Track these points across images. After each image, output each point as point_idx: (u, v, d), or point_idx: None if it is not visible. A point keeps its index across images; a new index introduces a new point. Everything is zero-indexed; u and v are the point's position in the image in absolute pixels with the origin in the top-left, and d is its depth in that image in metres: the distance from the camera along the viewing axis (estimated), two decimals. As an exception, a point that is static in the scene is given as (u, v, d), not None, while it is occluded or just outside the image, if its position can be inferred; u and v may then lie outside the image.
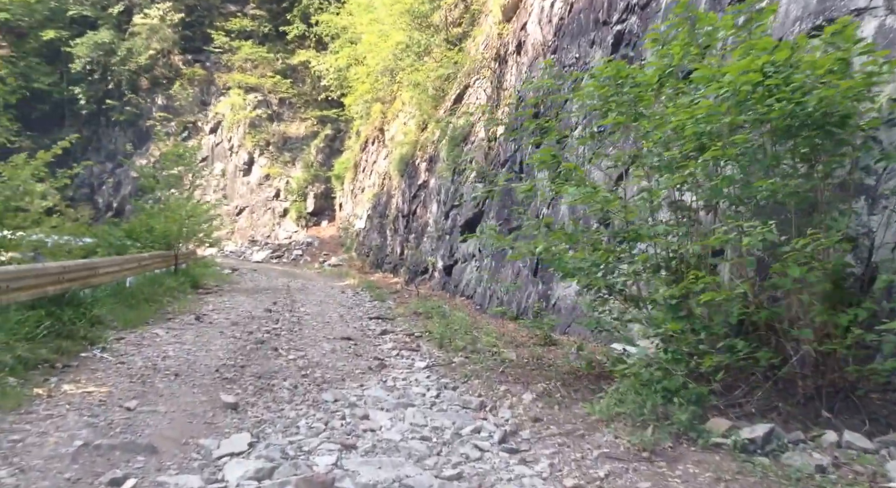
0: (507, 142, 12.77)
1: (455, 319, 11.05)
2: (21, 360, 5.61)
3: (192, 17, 39.23)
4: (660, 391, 4.59)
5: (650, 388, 4.64)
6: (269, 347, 7.89)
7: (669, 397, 4.55)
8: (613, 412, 4.74)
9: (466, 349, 8.33)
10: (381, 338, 9.64)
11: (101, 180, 43.09)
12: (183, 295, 13.61)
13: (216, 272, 20.46)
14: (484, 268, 13.41)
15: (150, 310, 10.37)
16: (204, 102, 39.84)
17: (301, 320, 10.86)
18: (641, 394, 4.65)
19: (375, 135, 29.63)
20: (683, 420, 4.21)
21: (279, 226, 37.22)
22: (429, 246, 19.33)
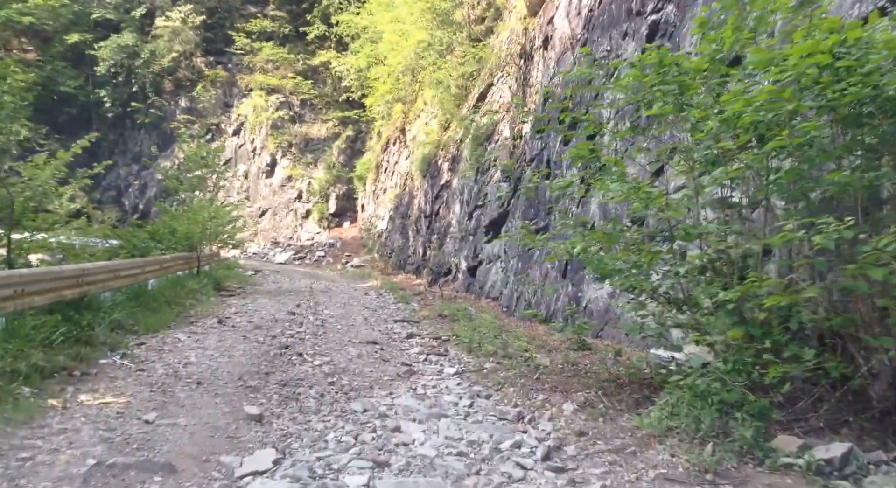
0: (534, 140, 12.37)
1: (483, 322, 10.68)
2: (37, 368, 5.36)
3: (213, 19, 39.35)
4: (716, 404, 4.19)
5: (706, 401, 4.23)
6: (293, 352, 7.59)
7: (727, 411, 4.15)
8: (665, 426, 4.34)
9: (497, 354, 7.96)
10: (407, 342, 9.31)
11: (127, 183, 43.44)
12: (205, 297, 13.42)
13: (239, 274, 20.31)
14: (510, 269, 13.02)
15: (171, 313, 10.15)
16: (227, 104, 39.95)
17: (325, 323, 10.58)
18: (696, 407, 4.25)
19: (397, 136, 29.37)
20: (748, 437, 3.80)
21: (301, 227, 37.16)
22: (452, 246, 18.99)
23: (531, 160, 12.45)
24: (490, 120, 17.18)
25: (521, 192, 10.52)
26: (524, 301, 11.91)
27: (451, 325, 11.13)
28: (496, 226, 14.61)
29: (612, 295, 9.11)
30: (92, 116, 43.89)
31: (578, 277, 9.93)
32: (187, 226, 15.89)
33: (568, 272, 10.40)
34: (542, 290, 11.23)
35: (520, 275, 12.31)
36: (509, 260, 13.19)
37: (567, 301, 10.10)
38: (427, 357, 8.18)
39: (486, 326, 10.15)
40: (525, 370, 6.99)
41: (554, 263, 11.08)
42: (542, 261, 11.48)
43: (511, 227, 13.29)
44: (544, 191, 11.91)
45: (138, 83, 40.91)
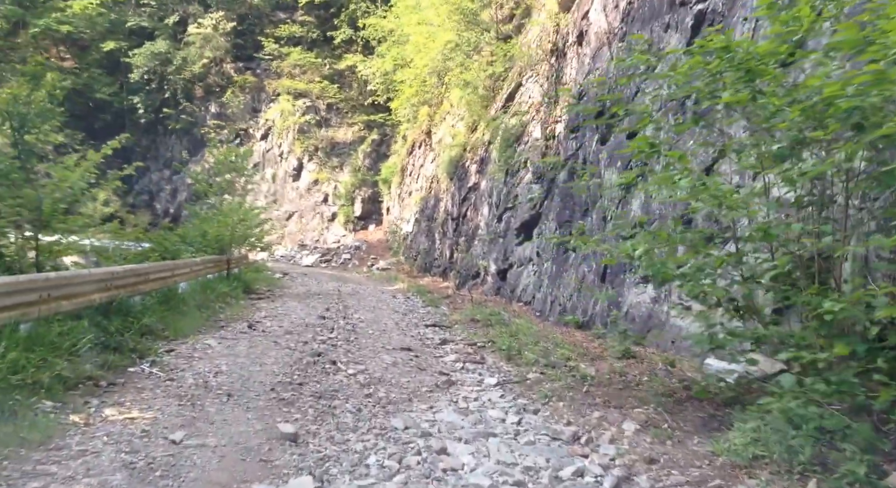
0: (568, 140, 11.80)
1: (518, 328, 10.14)
2: (60, 379, 4.95)
3: (244, 25, 39.35)
4: (811, 431, 3.60)
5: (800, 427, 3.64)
6: (326, 360, 7.12)
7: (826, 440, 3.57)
8: (751, 454, 3.76)
9: (539, 363, 7.41)
10: (441, 349, 8.81)
11: (158, 187, 43.65)
12: (235, 300, 13.05)
13: (267, 276, 19.99)
14: (544, 272, 12.45)
15: (201, 317, 9.77)
16: (255, 109, 39.91)
17: (356, 328, 10.11)
18: (788, 434, 3.67)
19: (422, 139, 28.94)
20: (860, 473, 3.21)
21: (328, 230, 36.92)
22: (480, 249, 18.45)
23: (566, 160, 11.88)
24: (519, 121, 16.64)
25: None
26: (559, 305, 11.33)
27: (486, 331, 10.60)
28: (528, 228, 14.06)
29: (656, 300, 8.51)
30: (126, 122, 44.17)
31: (619, 281, 9.33)
32: (217, 229, 15.59)
33: (607, 275, 9.81)
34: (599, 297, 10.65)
35: (555, 279, 11.74)
36: (543, 263, 12.62)
37: (606, 306, 9.51)
38: (464, 365, 7.66)
39: (523, 332, 9.61)
40: (571, 381, 6.44)
41: (591, 266, 10.50)
42: (578, 263, 10.91)
43: (545, 229, 12.72)
44: (578, 194, 11.34)
45: (170, 89, 41.07)
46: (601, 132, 10.38)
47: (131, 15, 41.93)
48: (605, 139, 10.23)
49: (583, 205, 11.09)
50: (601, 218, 10.14)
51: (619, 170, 9.52)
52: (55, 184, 8.79)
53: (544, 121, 13.77)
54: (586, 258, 10.72)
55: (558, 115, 12.55)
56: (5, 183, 7.97)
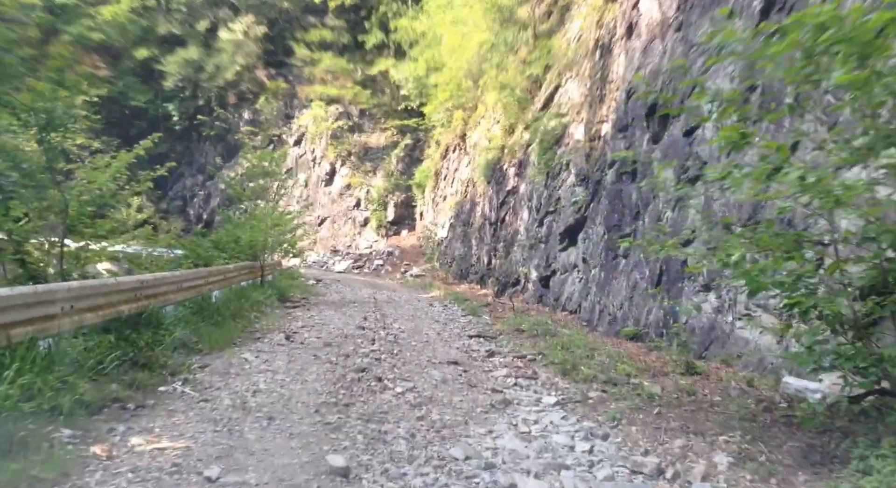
0: (615, 140, 11.18)
1: (568, 339, 9.54)
2: (82, 403, 4.54)
3: (274, 30, 39.50)
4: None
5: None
6: (371, 376, 6.63)
7: None
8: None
9: (597, 379, 6.82)
10: (489, 362, 8.26)
11: (192, 193, 44.06)
12: (270, 309, 12.72)
13: (301, 283, 19.71)
14: (591, 279, 11.82)
15: (236, 328, 9.40)
16: (287, 115, 40.01)
17: (398, 339, 9.63)
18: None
19: (456, 143, 28.50)
20: None
21: (360, 235, 36.69)
22: (520, 255, 17.87)
23: (613, 162, 11.25)
24: (559, 122, 16.05)
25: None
26: (608, 315, 10.69)
27: (533, 342, 10.02)
28: (572, 233, 13.45)
29: (719, 310, 7.84)
30: (161, 129, 44.76)
31: (676, 289, 8.67)
32: (251, 234, 15.31)
33: (662, 282, 9.15)
34: (632, 303, 10.00)
35: (603, 287, 11.10)
36: (590, 269, 11.99)
37: (662, 315, 8.85)
38: (516, 381, 7.11)
39: (573, 344, 9.01)
40: (638, 401, 5.83)
41: (643, 273, 9.85)
42: (629, 270, 10.27)
43: (591, 234, 12.10)
44: (629, 195, 10.71)
45: (204, 97, 41.47)
46: (653, 130, 9.75)
47: (162, 21, 42.46)
48: (657, 137, 9.60)
49: (633, 208, 10.46)
50: (655, 221, 9.50)
51: (675, 170, 8.87)
52: (83, 186, 8.49)
53: (588, 121, 13.16)
54: (638, 264, 10.08)
55: (604, 115, 11.93)
56: (30, 184, 7.67)
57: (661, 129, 9.54)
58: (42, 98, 6.87)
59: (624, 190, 10.81)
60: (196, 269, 10.16)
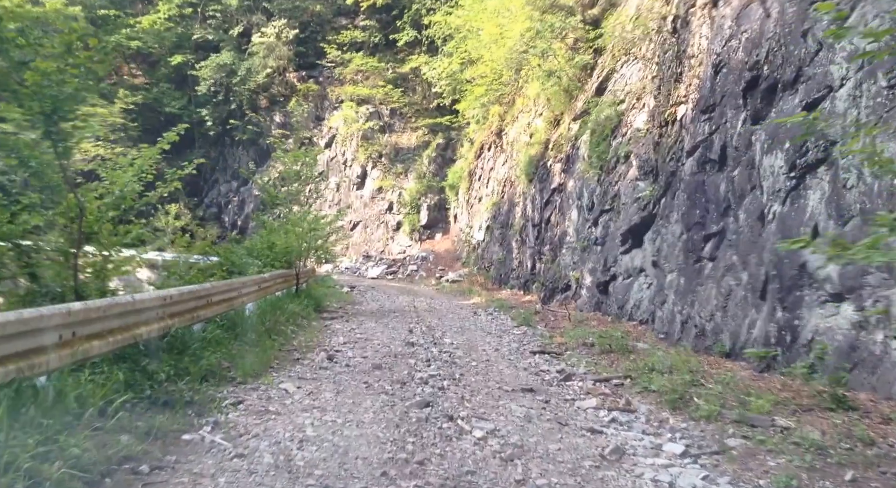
0: (698, 123, 9.70)
1: (654, 358, 8.12)
2: (80, 466, 3.32)
3: (306, 33, 38.61)
4: None
5: None
6: (440, 413, 5.31)
7: None
8: None
9: (723, 416, 5.39)
10: (568, 389, 6.90)
11: (227, 199, 43.46)
12: (307, 321, 11.53)
13: (336, 291, 18.58)
14: (667, 286, 10.34)
15: (273, 347, 8.18)
16: (318, 118, 39.07)
17: (454, 358, 8.31)
18: None
19: (492, 141, 27.10)
20: None
21: (392, 240, 35.51)
22: (570, 258, 16.42)
23: (693, 149, 9.77)
24: (615, 111, 14.58)
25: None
26: (694, 327, 9.21)
27: (609, 360, 8.63)
28: (636, 233, 11.98)
29: (861, 325, 6.34)
30: (195, 135, 44.34)
31: (793, 299, 7.17)
32: (286, 240, 14.18)
33: (769, 290, 7.66)
34: (726, 314, 8.51)
35: (685, 294, 9.62)
36: (664, 274, 10.51)
37: (776, 330, 7.36)
38: (612, 415, 5.74)
39: (664, 365, 7.58)
40: (807, 456, 4.36)
41: (740, 279, 8.37)
42: (720, 275, 8.78)
43: (666, 233, 10.62)
44: (715, 188, 9.23)
45: (236, 101, 40.81)
46: (753, 107, 8.25)
47: (197, 28, 41.95)
48: (759, 116, 8.10)
49: (721, 202, 8.97)
50: (756, 218, 8.00)
51: (787, 153, 7.39)
52: (103, 188, 7.36)
53: (656, 105, 11.68)
54: (731, 268, 8.60)
55: (681, 96, 10.46)
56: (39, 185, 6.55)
57: (764, 106, 8.06)
58: (47, 79, 5.72)
59: (708, 181, 9.33)
60: (228, 280, 8.99)
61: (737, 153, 8.62)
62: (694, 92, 10.05)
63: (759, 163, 7.94)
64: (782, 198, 7.49)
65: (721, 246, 8.98)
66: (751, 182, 8.24)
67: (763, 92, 8.16)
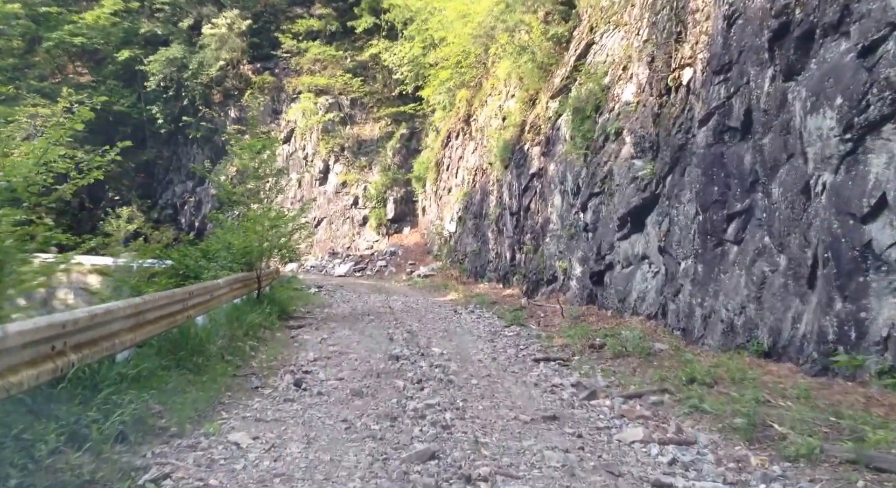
0: (711, 86, 8.33)
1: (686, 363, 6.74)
2: None
3: (259, 23, 36.29)
4: None
5: None
6: (451, 472, 3.73)
7: None
8: None
9: (830, 455, 3.99)
10: (599, 412, 5.45)
11: (182, 200, 40.93)
12: (271, 332, 9.84)
13: (303, 293, 16.85)
14: (681, 274, 8.98)
15: (226, 372, 6.51)
16: (276, 111, 36.84)
17: (448, 374, 6.77)
18: None
19: (460, 128, 25.53)
20: None
21: (359, 235, 33.69)
22: (554, 247, 15.03)
23: (707, 117, 8.40)
24: (598, 85, 13.21)
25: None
26: (720, 321, 7.86)
27: (632, 367, 7.22)
28: (637, 216, 10.62)
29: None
30: (146, 134, 41.65)
31: (857, 286, 5.84)
32: (245, 239, 12.39)
33: (820, 277, 6.33)
34: (760, 307, 7.18)
35: (705, 284, 8.27)
36: (676, 261, 9.15)
37: (835, 325, 6.02)
38: (669, 453, 4.29)
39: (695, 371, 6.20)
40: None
41: (778, 263, 7.04)
42: (750, 261, 7.44)
43: (676, 215, 9.25)
44: (736, 160, 7.88)
45: (188, 96, 38.29)
46: (785, 61, 6.89)
47: (144, 22, 39.19)
48: (794, 70, 6.76)
49: (746, 176, 7.62)
50: (798, 191, 6.66)
51: (839, 111, 6.04)
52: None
53: (651, 74, 10.29)
54: (765, 252, 7.27)
55: (685, 58, 9.08)
56: None
57: (800, 57, 6.70)
58: None
59: (728, 153, 7.97)
60: (169, 292, 7.21)
61: (766, 117, 7.26)
62: (702, 51, 8.67)
63: (801, 126, 6.58)
64: (834, 165, 6.14)
65: (748, 226, 7.65)
66: (787, 150, 6.89)
67: (797, 41, 6.81)
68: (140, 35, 39.24)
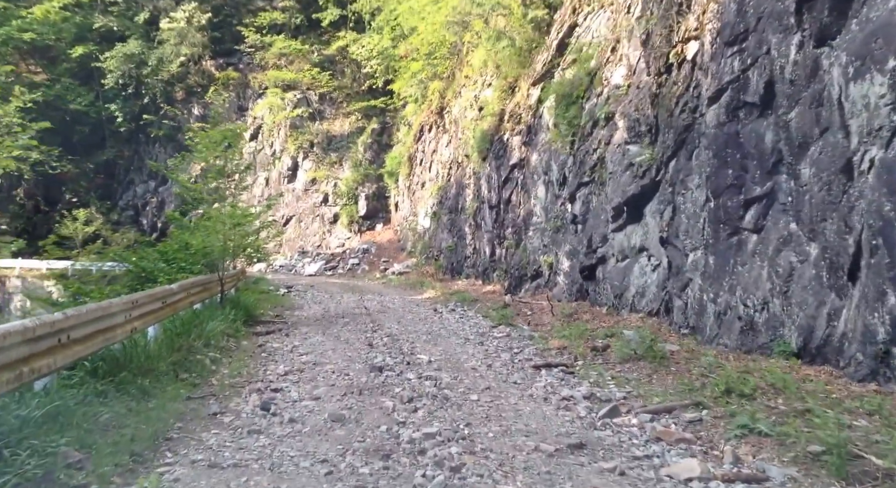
0: (723, 60, 7.42)
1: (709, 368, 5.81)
2: None
3: (220, 16, 34.56)
4: None
5: None
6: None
7: None
8: None
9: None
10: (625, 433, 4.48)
11: (144, 200, 38.92)
12: (235, 340, 8.64)
13: (271, 295, 15.59)
14: (690, 267, 8.07)
15: (176, 397, 5.34)
16: (241, 108, 35.19)
17: (442, 388, 5.71)
18: None
19: (433, 121, 24.44)
20: None
21: (330, 233, 32.33)
22: (538, 241, 14.09)
23: (718, 93, 7.49)
24: (583, 69, 12.29)
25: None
26: (737, 318, 6.97)
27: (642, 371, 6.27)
28: (634, 206, 9.71)
29: None
30: (105, 133, 39.52)
31: (912, 278, 4.97)
32: (204, 239, 11.11)
33: (864, 267, 5.45)
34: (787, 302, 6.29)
35: (719, 278, 7.37)
36: (684, 252, 8.23)
37: (888, 322, 5.14)
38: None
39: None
40: None
41: (807, 254, 6.16)
42: (774, 251, 6.55)
43: (682, 203, 8.33)
44: (755, 139, 6.98)
45: (149, 94, 36.36)
46: (818, 24, 6.00)
47: (99, 17, 37.01)
48: (825, 35, 5.88)
49: (767, 156, 6.73)
50: (838, 169, 5.77)
51: (889, 75, 5.15)
52: None
53: (648, 51, 9.37)
54: (792, 240, 6.38)
55: (689, 31, 8.16)
56: None
57: (835, 19, 5.82)
58: None
59: (745, 131, 7.08)
60: (105, 303, 5.97)
61: (792, 89, 6.37)
62: (711, 21, 7.75)
63: (840, 96, 5.69)
64: (885, 138, 5.25)
65: (770, 212, 6.76)
66: (820, 124, 6.00)
67: (831, 1, 5.93)
68: (95, 30, 37.15)
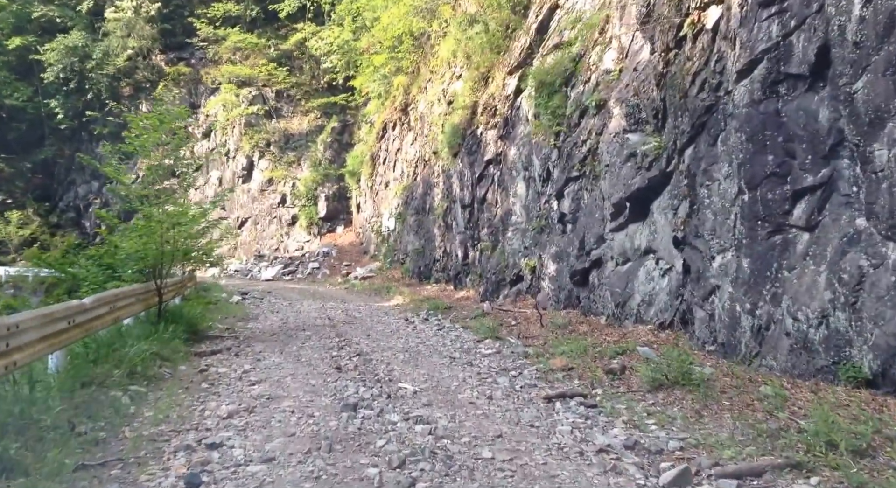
0: (756, 24, 6.12)
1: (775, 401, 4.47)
2: None
3: (170, 7, 32.10)
4: None
5: None
6: None
7: None
8: None
9: None
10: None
11: (87, 202, 35.96)
12: (170, 365, 6.88)
13: (223, 304, 13.72)
14: (719, 271, 6.74)
15: (61, 469, 3.63)
16: (193, 105, 32.74)
17: (439, 437, 4.16)
18: None
19: (397, 119, 22.86)
20: None
21: (288, 236, 30.31)
22: (518, 243, 12.70)
23: (750, 65, 6.19)
24: (567, 53, 10.96)
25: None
26: (786, 335, 5.65)
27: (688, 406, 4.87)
28: (639, 202, 8.38)
29: None
30: (45, 131, 36.42)
31: None
32: (137, 242, 9.21)
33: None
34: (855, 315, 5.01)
35: (757, 285, 6.04)
36: (707, 255, 6.89)
37: None
38: None
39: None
40: None
41: (883, 260, 4.89)
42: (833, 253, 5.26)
43: (707, 195, 6.98)
44: (803, 119, 5.69)
45: (93, 89, 33.56)
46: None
47: (38, 5, 33.99)
48: None
49: (823, 137, 5.44)
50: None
51: None
52: None
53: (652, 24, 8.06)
54: (858, 240, 5.10)
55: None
56: None
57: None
58: None
59: (788, 109, 5.78)
60: None
61: (858, 53, 5.08)
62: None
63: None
64: None
65: (828, 206, 5.47)
66: (905, 96, 4.73)
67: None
68: (34, 21, 34.12)
